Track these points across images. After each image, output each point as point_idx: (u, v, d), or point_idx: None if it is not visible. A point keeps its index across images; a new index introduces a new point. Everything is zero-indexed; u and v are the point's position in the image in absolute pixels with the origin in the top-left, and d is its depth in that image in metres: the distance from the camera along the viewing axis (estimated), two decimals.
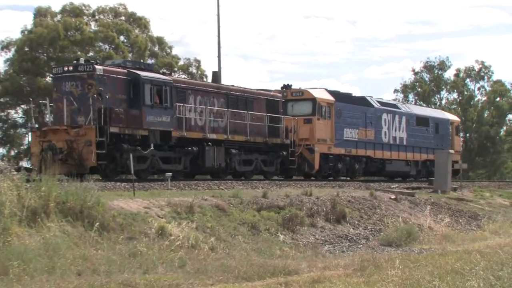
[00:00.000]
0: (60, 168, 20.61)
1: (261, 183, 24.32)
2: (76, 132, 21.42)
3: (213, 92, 25.79)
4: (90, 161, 21.12)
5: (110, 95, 22.00)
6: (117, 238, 13.85)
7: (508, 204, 30.65)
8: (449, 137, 41.18)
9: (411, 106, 42.58)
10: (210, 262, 13.69)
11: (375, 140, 34.33)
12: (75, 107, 21.93)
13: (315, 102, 30.84)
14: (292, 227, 18.22)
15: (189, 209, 16.52)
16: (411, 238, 19.31)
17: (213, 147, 24.93)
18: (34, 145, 22.18)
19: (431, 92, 76.68)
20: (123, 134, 22.15)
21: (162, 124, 23.20)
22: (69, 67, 22.49)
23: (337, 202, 20.97)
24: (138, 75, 22.75)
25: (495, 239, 20.75)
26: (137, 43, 46.98)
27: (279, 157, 28.14)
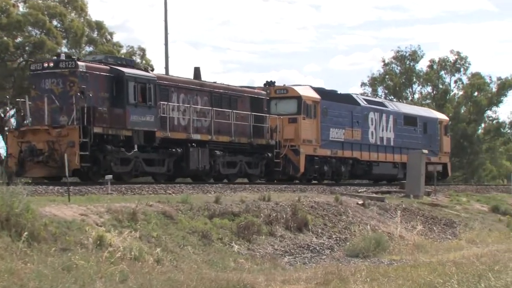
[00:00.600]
0: (41, 171, 22.28)
1: (213, 187, 24.33)
2: (58, 133, 22.05)
3: (196, 89, 26.63)
4: (74, 164, 21.58)
5: (92, 93, 22.66)
6: (49, 249, 13.69)
7: (487, 210, 31.24)
8: (437, 137, 42.40)
9: (398, 104, 43.79)
10: (156, 276, 13.63)
11: (362, 140, 35.38)
12: (56, 106, 22.51)
13: (301, 100, 31.72)
14: (248, 236, 18.26)
15: (131, 216, 16.42)
16: (380, 248, 19.52)
17: (197, 148, 25.88)
18: (13, 147, 22.73)
19: (402, 85, 77.56)
20: (107, 135, 22.93)
21: (146, 124, 24.06)
22: (49, 63, 23.07)
23: (299, 208, 21.08)
24: (122, 72, 23.51)
25: (472, 249, 21.11)
26: (72, 28, 46.44)
27: (264, 158, 29.15)
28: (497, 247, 21.02)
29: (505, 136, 79.04)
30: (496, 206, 31.66)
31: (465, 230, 26.01)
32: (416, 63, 79.03)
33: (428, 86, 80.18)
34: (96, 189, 20.39)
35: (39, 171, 22.56)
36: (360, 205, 24.57)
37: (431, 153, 41.25)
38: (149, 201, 18.24)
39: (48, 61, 23.64)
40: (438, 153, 42.74)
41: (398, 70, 78.83)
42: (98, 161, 22.83)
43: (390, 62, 79.03)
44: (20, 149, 22.44)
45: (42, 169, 22.31)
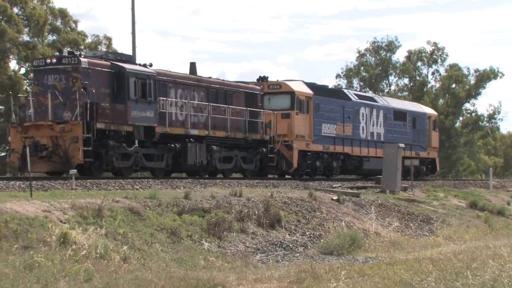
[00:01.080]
0: (44, 166, 23.35)
1: (182, 182, 24.30)
2: (62, 128, 23.02)
3: (193, 85, 27.75)
4: (77, 159, 22.83)
5: (94, 89, 23.73)
6: (10, 247, 13.59)
7: (464, 205, 31.52)
8: (426, 132, 43.78)
9: (388, 99, 44.92)
10: (122, 274, 13.58)
11: (353, 136, 36.60)
12: (59, 101, 23.50)
13: (294, 95, 32.87)
14: (219, 233, 18.27)
15: (97, 213, 16.35)
16: (355, 245, 19.62)
17: (195, 143, 26.99)
18: (15, 142, 23.73)
19: (378, 77, 77.88)
20: (109, 130, 23.97)
21: (146, 120, 25.15)
22: (52, 59, 24.13)
23: (271, 204, 21.12)
24: (123, 68, 24.59)
25: (449, 246, 21.29)
26: (34, 16, 46.07)
27: (258, 154, 30.32)
28: (475, 243, 21.22)
29: (483, 129, 79.76)
30: (474, 201, 31.95)
31: (442, 226, 26.24)
32: (393, 54, 79.39)
33: (405, 77, 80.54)
34: (60, 185, 20.26)
35: (43, 166, 23.41)
36: (335, 201, 24.67)
37: (420, 148, 43.04)
38: (116, 196, 18.18)
39: (51, 57, 24.50)
40: (426, 148, 44.02)
41: (373, 61, 79.14)
42: (100, 156, 23.83)
43: (366, 53, 79.33)
44: (23, 144, 23.28)
45: (45, 164, 23.21)
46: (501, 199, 36.33)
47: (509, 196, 37.66)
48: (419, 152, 43.04)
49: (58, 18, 49.74)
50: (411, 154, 41.77)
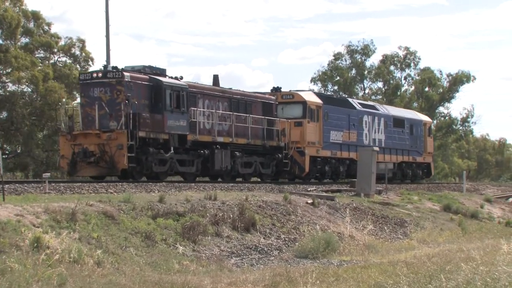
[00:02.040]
0: (92, 170, 25.86)
1: (157, 186, 24.23)
2: (108, 136, 25.48)
3: (218, 96, 30.35)
4: (122, 164, 25.34)
5: (136, 100, 26.16)
6: None
7: (438, 209, 31.72)
8: (422, 138, 46.56)
9: (388, 107, 47.51)
10: (96, 279, 13.51)
11: (357, 142, 39.28)
12: (104, 112, 26.02)
13: (306, 105, 35.59)
14: (194, 237, 18.23)
15: (70, 217, 16.25)
16: (330, 249, 19.66)
17: (221, 150, 29.52)
18: (64, 148, 26.22)
19: (353, 80, 78.15)
20: (148, 138, 26.49)
21: (180, 128, 27.71)
22: (98, 73, 26.62)
23: (246, 208, 21.11)
24: (160, 81, 27.17)
25: (423, 249, 21.41)
26: (6, 18, 45.70)
27: (274, 159, 32.96)
28: (449, 246, 21.35)
29: (457, 133, 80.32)
30: (448, 205, 32.17)
31: (416, 229, 26.38)
32: (368, 58, 79.73)
33: (379, 81, 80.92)
34: (33, 188, 20.11)
35: (91, 170, 25.88)
36: (310, 204, 24.71)
37: (417, 153, 45.78)
38: (90, 200, 18.07)
39: (97, 71, 26.89)
40: (422, 153, 46.73)
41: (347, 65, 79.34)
42: (141, 161, 26.20)
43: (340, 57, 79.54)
44: (73, 151, 25.83)
45: (93, 169, 25.72)
46: (475, 202, 36.61)
47: (482, 199, 37.97)
48: (415, 157, 45.75)
49: (31, 20, 49.40)
50: (409, 159, 44.86)
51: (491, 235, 25.84)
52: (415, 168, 46.15)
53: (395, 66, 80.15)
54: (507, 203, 41.00)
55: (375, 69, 79.25)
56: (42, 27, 50.18)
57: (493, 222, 32.20)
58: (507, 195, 44.77)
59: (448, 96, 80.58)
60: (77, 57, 52.18)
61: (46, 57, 51.26)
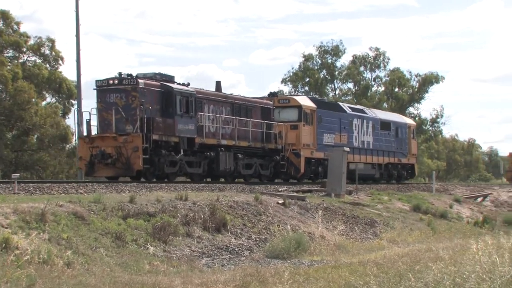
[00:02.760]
0: (109, 171, 27.63)
1: (127, 186, 24.11)
2: (124, 139, 27.21)
3: (222, 101, 32.23)
4: (138, 165, 27.14)
5: (149, 105, 27.92)
6: None
7: (408, 209, 31.90)
8: (407, 140, 48.56)
9: (375, 110, 49.36)
10: (66, 280, 13.42)
11: (348, 144, 40.76)
12: (120, 116, 27.71)
13: (301, 109, 37.54)
14: (164, 237, 18.18)
15: (40, 217, 16.12)
16: (301, 249, 19.69)
17: (225, 152, 31.35)
18: (83, 151, 28.07)
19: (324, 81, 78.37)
20: (161, 141, 28.23)
21: (189, 132, 29.52)
22: (114, 80, 28.14)
23: (217, 208, 21.09)
24: (171, 88, 28.99)
25: (393, 249, 21.53)
26: None
27: (272, 161, 34.72)
28: (418, 246, 21.48)
29: (427, 133, 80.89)
30: (418, 205, 32.37)
31: (386, 229, 26.51)
32: (339, 58, 79.97)
33: (350, 82, 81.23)
34: (1, 189, 19.92)
35: (107, 171, 27.62)
36: (281, 205, 24.74)
37: (402, 154, 47.79)
38: (59, 201, 17.94)
39: (113, 78, 28.27)
40: (407, 154, 48.61)
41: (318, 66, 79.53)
42: (154, 163, 27.91)
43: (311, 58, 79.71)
44: (91, 153, 27.62)
45: (110, 169, 27.48)
46: (444, 202, 36.90)
47: (451, 200, 38.28)
48: (401, 159, 47.78)
49: (0, 19, 48.96)
50: (394, 161, 46.83)
51: (460, 235, 26.05)
52: (400, 169, 48.00)
53: (365, 67, 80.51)
54: (476, 203, 41.41)
55: (346, 69, 79.53)
56: (11, 26, 49.77)
57: (462, 222, 32.48)
58: (475, 195, 45.22)
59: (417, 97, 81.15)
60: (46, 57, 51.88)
61: (15, 57, 50.84)
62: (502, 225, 33.07)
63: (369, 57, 79.99)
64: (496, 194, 47.11)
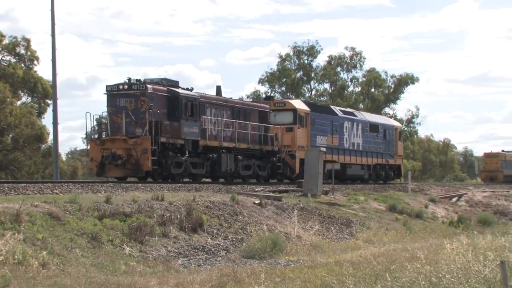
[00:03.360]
0: (119, 172, 29.01)
1: (103, 186, 23.99)
2: (134, 142, 28.58)
3: (223, 105, 33.59)
4: (147, 166, 28.45)
5: (157, 109, 29.27)
6: None
7: (384, 209, 32.04)
8: (394, 142, 50.23)
9: (364, 113, 51.18)
10: (41, 280, 13.33)
11: (339, 146, 42.95)
12: (129, 120, 29.04)
13: (296, 112, 39.07)
14: (141, 238, 18.12)
15: (15, 218, 16.00)
16: (277, 249, 19.71)
17: (226, 154, 32.66)
18: (94, 152, 29.30)
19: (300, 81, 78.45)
20: (168, 143, 29.51)
21: (193, 134, 30.84)
22: (124, 85, 29.47)
23: (193, 208, 21.06)
24: (177, 93, 30.35)
25: (369, 249, 21.60)
26: None
27: (269, 162, 36.11)
28: (394, 246, 21.58)
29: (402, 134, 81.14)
30: (393, 205, 32.52)
31: (362, 229, 26.60)
32: (314, 59, 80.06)
33: (326, 82, 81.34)
34: None
35: (118, 172, 28.96)
36: (257, 205, 24.75)
37: (389, 156, 49.46)
38: (35, 201, 17.82)
39: (122, 84, 29.56)
40: (394, 156, 50.19)
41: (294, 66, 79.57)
42: (161, 164, 29.24)
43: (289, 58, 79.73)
44: (102, 155, 28.91)
45: (120, 170, 28.82)
46: (419, 202, 37.10)
47: (426, 200, 38.50)
48: (388, 160, 49.37)
49: None
50: (382, 162, 48.43)
51: (435, 235, 26.21)
52: (388, 169, 49.54)
53: (342, 67, 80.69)
54: (451, 203, 41.67)
55: (322, 70, 79.67)
56: None
57: (437, 222, 32.68)
58: (450, 195, 45.50)
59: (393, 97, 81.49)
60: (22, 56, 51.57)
61: None
62: (477, 225, 33.35)
63: (345, 57, 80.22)
64: (471, 194, 47.47)
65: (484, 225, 33.17)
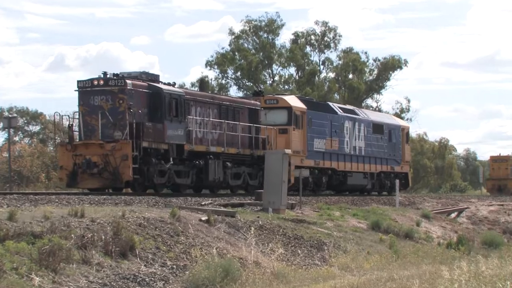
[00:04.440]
0: (95, 182, 30.14)
1: (6, 199, 23.82)
2: (112, 147, 29.82)
3: (209, 102, 35.42)
4: (127, 175, 29.76)
5: (136, 109, 30.76)
6: None
7: (365, 227, 32.29)
8: (400, 145, 52.39)
9: (366, 111, 53.45)
10: None
11: (339, 150, 45.01)
12: (105, 121, 30.38)
13: (291, 110, 40.97)
14: (54, 265, 18.03)
15: None
16: (230, 278, 19.77)
17: (214, 160, 34.31)
18: (64, 159, 30.64)
19: (259, 65, 78.31)
20: (150, 148, 31.09)
21: (178, 138, 32.40)
22: (99, 81, 30.87)
23: (122, 227, 21.02)
24: (160, 89, 32.04)
25: (346, 278, 21.75)
26: None
27: (261, 169, 36.50)
28: (377, 274, 21.73)
29: None
30: (377, 222, 32.78)
31: (337, 253, 26.77)
32: (276, 36, 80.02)
33: (292, 66, 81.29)
34: None
35: (93, 182, 30.26)
36: (204, 222, 24.79)
37: (395, 162, 51.46)
38: None
39: (97, 79, 30.94)
40: (400, 162, 52.34)
41: (252, 46, 79.51)
42: (142, 173, 30.67)
43: (242, 35, 79.57)
44: (73, 162, 30.26)
45: (95, 180, 30.14)
46: (409, 218, 37.45)
47: (418, 215, 38.87)
48: (394, 167, 51.84)
49: None
50: (387, 169, 50.55)
51: (430, 260, 26.46)
52: (393, 178, 50.60)
53: (312, 46, 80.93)
54: (449, 219, 42.14)
55: (287, 51, 79.76)
56: None
57: (431, 243, 33.02)
58: (448, 210, 46.01)
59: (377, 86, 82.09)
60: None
61: None
62: (481, 247, 33.77)
63: (316, 34, 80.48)
64: (474, 208, 48.08)
65: (490, 248, 33.60)
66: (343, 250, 27.41)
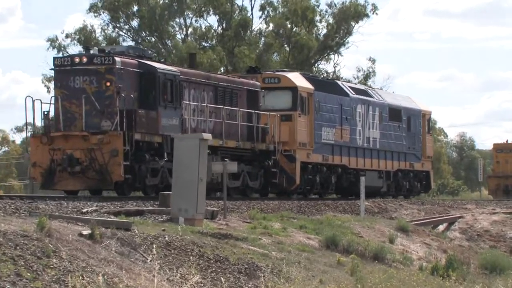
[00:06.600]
0: (77, 183, 33.01)
1: None
2: (100, 140, 32.54)
3: (203, 83, 38.85)
4: (118, 175, 32.56)
5: (126, 93, 33.67)
6: None
7: (317, 244, 32.49)
8: (420, 136, 56.13)
9: (381, 92, 57.03)
10: None
11: (350, 142, 48.97)
12: (90, 107, 33.41)
13: (296, 92, 44.79)
14: None
15: None
16: None
17: (212, 156, 36.33)
18: (37, 154, 33.21)
19: (165, 14, 78.19)
20: (143, 142, 34.11)
21: (173, 128, 35.59)
22: (81, 58, 33.73)
23: None
24: (154, 68, 35.21)
25: None
26: None
27: (262, 167, 40.88)
28: None
29: None
30: (333, 238, 32.93)
31: (277, 282, 26.92)
32: None
33: (212, 14, 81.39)
34: None
35: (74, 183, 32.94)
36: (87, 238, 24.78)
37: (414, 157, 55.14)
38: None
39: (79, 55, 34.01)
40: (421, 157, 55.95)
41: None
42: (133, 171, 33.50)
43: None
44: (50, 158, 32.93)
45: (77, 181, 32.86)
46: (380, 232, 37.77)
47: (392, 228, 39.16)
48: (413, 163, 55.39)
49: None
50: (405, 166, 54.36)
51: None
52: (412, 178, 54.68)
53: None
54: (435, 233, 42.54)
55: None
56: None
57: (410, 267, 33.29)
58: (434, 220, 46.45)
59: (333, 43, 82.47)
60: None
61: None
62: (480, 272, 34.17)
63: None
64: (470, 217, 48.62)
65: (492, 273, 33.99)
66: (285, 277, 27.55)
